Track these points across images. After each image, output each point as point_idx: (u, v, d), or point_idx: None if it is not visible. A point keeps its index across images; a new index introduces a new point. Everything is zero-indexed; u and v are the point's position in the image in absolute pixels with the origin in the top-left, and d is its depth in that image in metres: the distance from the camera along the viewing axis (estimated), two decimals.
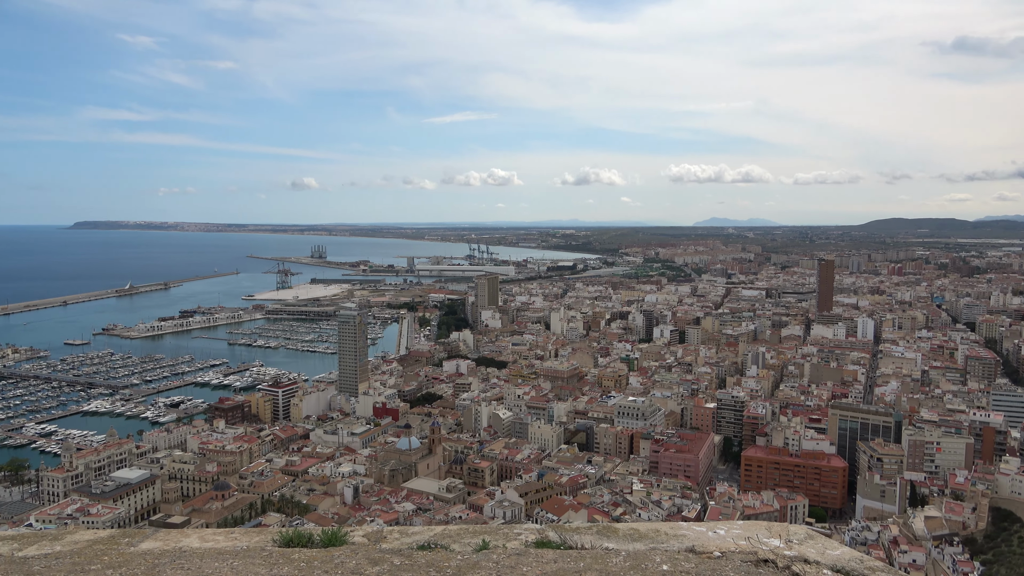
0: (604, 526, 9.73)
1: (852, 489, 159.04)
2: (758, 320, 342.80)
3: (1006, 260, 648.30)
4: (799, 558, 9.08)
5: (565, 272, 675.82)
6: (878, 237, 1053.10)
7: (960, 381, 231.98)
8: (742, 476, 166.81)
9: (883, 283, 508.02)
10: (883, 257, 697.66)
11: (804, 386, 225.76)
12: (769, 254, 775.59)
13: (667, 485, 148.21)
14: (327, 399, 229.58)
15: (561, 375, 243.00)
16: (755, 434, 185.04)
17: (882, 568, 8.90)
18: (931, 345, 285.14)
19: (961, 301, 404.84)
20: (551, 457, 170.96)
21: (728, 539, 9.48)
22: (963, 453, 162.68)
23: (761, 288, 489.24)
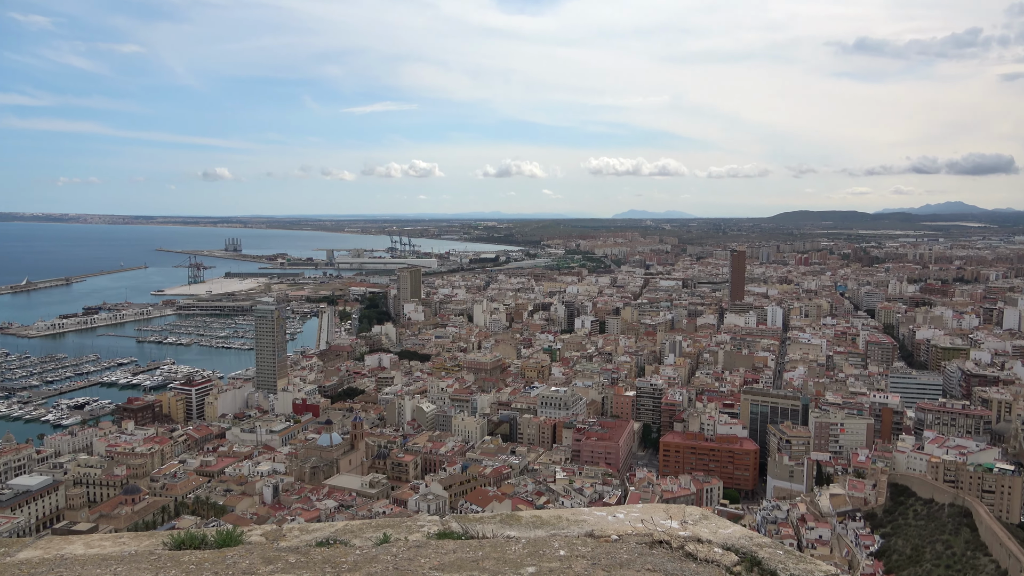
0: (508, 515, 9.79)
1: (763, 470, 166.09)
2: (675, 310, 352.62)
3: (902, 250, 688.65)
4: (693, 538, 9.31)
5: (488, 264, 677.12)
6: (786, 229, 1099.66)
7: (861, 365, 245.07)
8: (661, 461, 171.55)
9: (791, 273, 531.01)
10: (791, 248, 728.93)
11: (718, 373, 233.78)
12: (685, 245, 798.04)
13: (589, 473, 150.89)
14: (244, 397, 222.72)
15: (484, 367, 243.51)
16: (673, 420, 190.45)
17: (769, 544, 9.24)
18: (835, 331, 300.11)
19: (862, 289, 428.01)
20: (475, 449, 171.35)
21: (627, 523, 9.69)
22: (864, 433, 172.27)
23: (678, 278, 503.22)
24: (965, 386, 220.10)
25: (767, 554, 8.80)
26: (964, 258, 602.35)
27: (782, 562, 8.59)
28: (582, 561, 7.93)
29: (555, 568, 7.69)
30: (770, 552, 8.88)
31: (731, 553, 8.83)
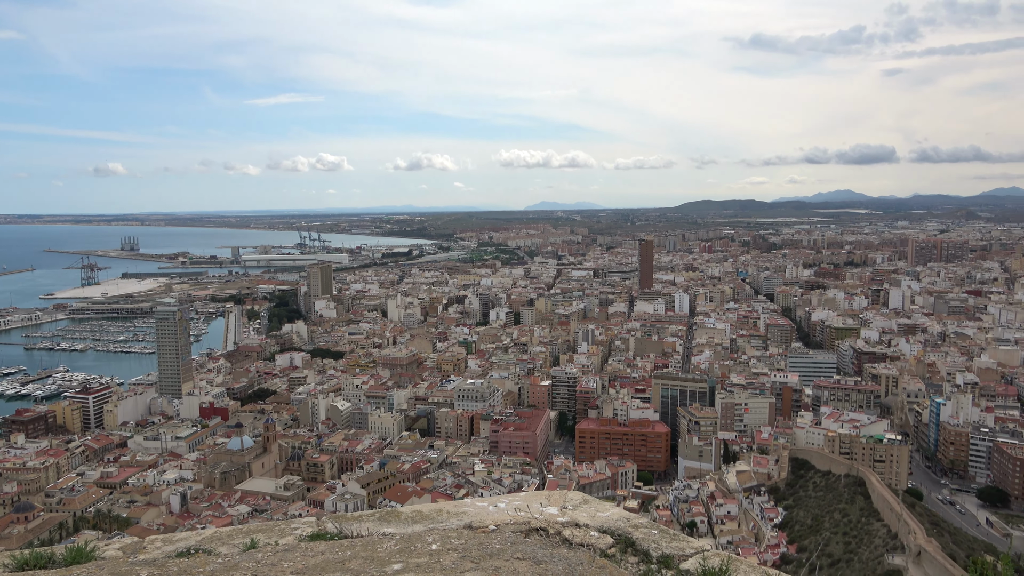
0: (388, 511, 9.76)
1: (675, 451, 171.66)
2: (587, 299, 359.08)
3: (797, 237, 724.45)
4: (571, 523, 9.54)
5: (401, 258, 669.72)
6: (691, 218, 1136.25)
7: (763, 347, 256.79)
8: (577, 448, 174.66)
9: (696, 260, 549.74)
10: (695, 236, 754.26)
11: (630, 359, 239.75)
12: (595, 236, 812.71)
13: (507, 463, 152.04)
14: (146, 403, 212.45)
15: (400, 362, 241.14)
16: (588, 407, 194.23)
17: (645, 525, 9.66)
18: (738, 316, 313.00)
19: (762, 275, 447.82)
20: (393, 445, 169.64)
21: (507, 512, 9.87)
22: (767, 412, 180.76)
23: (589, 268, 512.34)
24: (857, 363, 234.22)
25: (641, 534, 9.15)
26: (853, 243, 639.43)
27: (655, 541, 8.95)
28: (453, 554, 7.96)
29: (423, 563, 7.68)
30: (644, 533, 9.24)
31: (607, 536, 9.09)
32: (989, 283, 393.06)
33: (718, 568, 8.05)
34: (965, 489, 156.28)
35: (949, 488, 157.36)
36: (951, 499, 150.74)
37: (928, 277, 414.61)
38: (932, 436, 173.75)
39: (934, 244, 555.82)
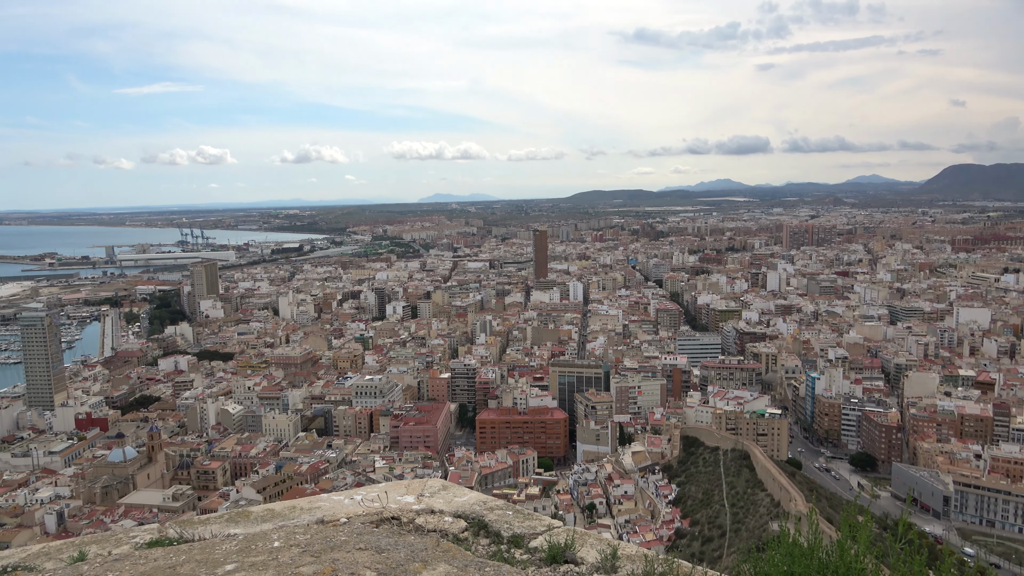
0: (238, 512, 9.71)
1: (573, 437, 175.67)
2: (484, 290, 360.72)
3: (683, 225, 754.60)
4: (426, 510, 9.74)
5: (291, 254, 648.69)
6: (582, 208, 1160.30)
7: (653, 331, 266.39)
8: (478, 439, 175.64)
9: (588, 249, 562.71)
10: (587, 226, 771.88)
11: (528, 348, 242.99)
12: (490, 227, 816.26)
13: (408, 458, 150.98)
14: (13, 417, 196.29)
15: (294, 361, 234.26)
16: (487, 398, 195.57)
17: (500, 507, 9.97)
18: (629, 302, 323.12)
19: (651, 262, 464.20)
20: (289, 447, 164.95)
21: (363, 504, 9.94)
22: (659, 393, 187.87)
23: (485, 260, 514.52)
24: (739, 343, 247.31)
25: (495, 516, 9.49)
26: (733, 229, 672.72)
27: (508, 522, 9.29)
28: (294, 550, 7.94)
29: (259, 562, 7.61)
30: (499, 515, 9.59)
31: (461, 520, 9.37)
32: (855, 264, 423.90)
33: (563, 543, 8.42)
34: (839, 456, 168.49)
35: (825, 456, 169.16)
36: (827, 466, 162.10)
37: (801, 260, 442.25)
38: (808, 408, 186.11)
39: (806, 229, 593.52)
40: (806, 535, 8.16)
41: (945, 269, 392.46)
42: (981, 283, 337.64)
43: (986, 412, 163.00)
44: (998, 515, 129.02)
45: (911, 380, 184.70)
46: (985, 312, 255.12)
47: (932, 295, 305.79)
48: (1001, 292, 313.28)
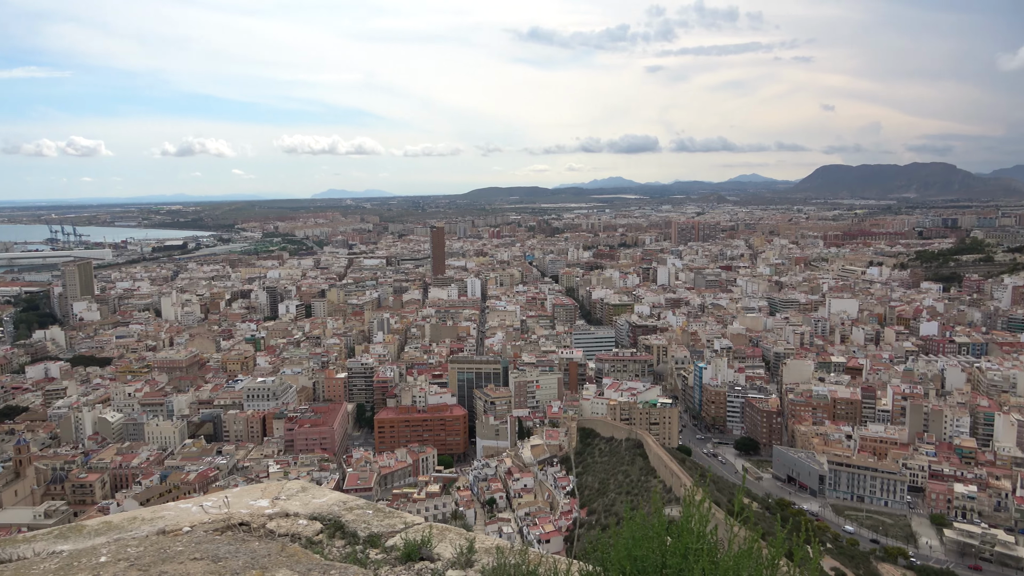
0: (71, 526, 9.15)
1: (473, 433, 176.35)
2: (381, 288, 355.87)
3: (577, 221, 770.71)
4: (280, 513, 9.54)
5: (174, 252, 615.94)
6: (479, 204, 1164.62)
7: (550, 326, 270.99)
8: (376, 438, 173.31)
9: (485, 246, 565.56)
10: (484, 222, 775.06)
11: (426, 345, 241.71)
12: (387, 224, 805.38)
13: (304, 461, 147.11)
14: None
15: (179, 365, 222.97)
16: (386, 397, 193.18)
17: (361, 506, 9.93)
18: (526, 298, 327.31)
19: (547, 258, 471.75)
20: (175, 455, 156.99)
21: (210, 511, 9.60)
22: (556, 387, 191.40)
23: (381, 257, 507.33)
24: (632, 336, 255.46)
25: (354, 516, 9.45)
26: (625, 226, 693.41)
27: (367, 522, 9.28)
28: (120, 565, 7.67)
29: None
30: (358, 514, 9.55)
31: (316, 522, 9.27)
32: (737, 259, 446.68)
33: (420, 540, 8.50)
34: (725, 442, 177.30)
35: (712, 442, 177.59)
36: (714, 452, 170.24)
37: (689, 255, 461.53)
38: (697, 397, 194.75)
39: (693, 225, 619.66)
40: (652, 518, 8.58)
41: (818, 263, 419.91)
42: (850, 276, 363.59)
43: (855, 395, 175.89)
44: (867, 491, 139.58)
45: (789, 367, 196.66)
46: (853, 303, 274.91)
47: (807, 287, 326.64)
48: (867, 284, 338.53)
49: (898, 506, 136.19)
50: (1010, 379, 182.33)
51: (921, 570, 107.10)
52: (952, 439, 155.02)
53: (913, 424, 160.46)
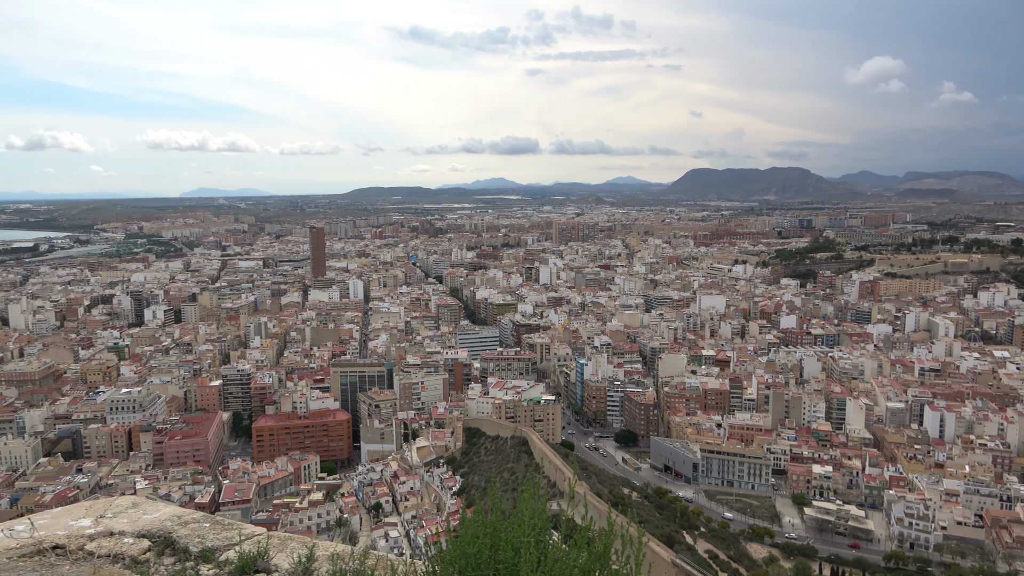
0: None
1: (358, 437, 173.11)
2: (257, 291, 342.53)
3: (460, 222, 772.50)
4: (103, 533, 9.04)
5: (24, 255, 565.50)
6: (360, 204, 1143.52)
7: (435, 327, 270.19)
8: (255, 448, 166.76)
9: (368, 246, 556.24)
10: (366, 223, 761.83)
11: (307, 350, 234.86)
12: (263, 224, 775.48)
13: (176, 475, 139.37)
14: None
15: (31, 377, 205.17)
16: (264, 404, 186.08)
17: (197, 520, 9.66)
18: (410, 299, 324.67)
19: (430, 258, 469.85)
20: (28, 476, 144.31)
21: (23, 534, 8.95)
22: (441, 387, 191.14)
23: (258, 258, 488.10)
24: (516, 335, 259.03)
25: (187, 531, 9.12)
26: (508, 226, 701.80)
27: (201, 536, 8.99)
28: None
29: None
30: (192, 528, 9.23)
31: (144, 540, 8.87)
32: (615, 258, 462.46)
33: (257, 552, 8.32)
34: (606, 435, 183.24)
35: (594, 436, 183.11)
36: (596, 445, 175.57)
37: (569, 255, 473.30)
38: (579, 393, 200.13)
39: (573, 226, 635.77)
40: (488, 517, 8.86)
41: (689, 261, 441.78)
42: (717, 273, 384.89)
43: (724, 386, 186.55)
44: (735, 475, 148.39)
45: (664, 361, 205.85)
46: (721, 299, 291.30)
47: (679, 285, 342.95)
48: (733, 281, 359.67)
49: (764, 488, 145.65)
50: (858, 367, 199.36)
51: (785, 547, 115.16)
52: (810, 424, 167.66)
53: (776, 411, 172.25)
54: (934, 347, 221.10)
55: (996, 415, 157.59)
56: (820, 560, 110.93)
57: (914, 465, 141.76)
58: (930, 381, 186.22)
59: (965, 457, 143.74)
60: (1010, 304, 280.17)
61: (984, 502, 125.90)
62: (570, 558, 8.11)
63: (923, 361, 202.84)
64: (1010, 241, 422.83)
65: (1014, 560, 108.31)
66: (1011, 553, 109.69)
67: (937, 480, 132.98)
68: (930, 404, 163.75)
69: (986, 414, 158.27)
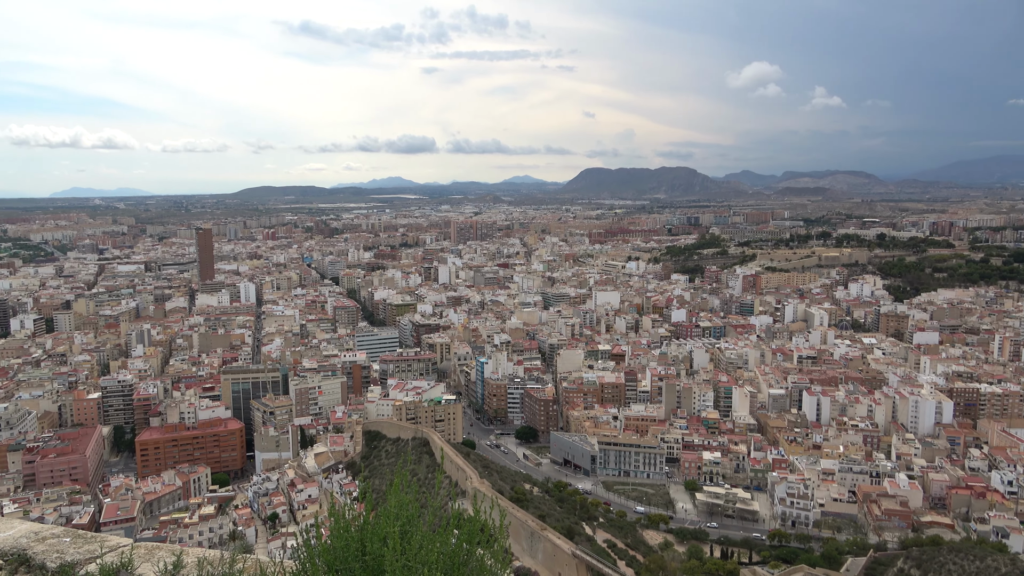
0: None
1: (251, 446, 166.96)
2: (139, 296, 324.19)
3: (357, 221, 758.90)
4: None
5: None
6: (251, 204, 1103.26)
7: (332, 329, 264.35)
8: (139, 462, 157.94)
9: (260, 248, 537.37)
10: (257, 223, 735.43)
11: (195, 357, 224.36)
12: (144, 226, 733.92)
13: (50, 496, 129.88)
14: None
15: None
16: (149, 416, 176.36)
17: (58, 534, 9.34)
18: (306, 301, 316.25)
19: (326, 259, 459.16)
20: None
21: None
22: (339, 391, 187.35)
23: (139, 262, 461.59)
24: (416, 335, 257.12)
25: (45, 547, 8.86)
26: (406, 226, 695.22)
27: (60, 551, 8.74)
28: None
29: None
30: (51, 544, 8.97)
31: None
32: (513, 257, 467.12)
33: (120, 563, 8.19)
34: (507, 432, 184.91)
35: (495, 433, 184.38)
36: (497, 443, 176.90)
37: (468, 254, 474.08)
38: (480, 391, 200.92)
39: (471, 225, 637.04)
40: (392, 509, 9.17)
41: (585, 259, 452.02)
42: (612, 270, 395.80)
43: (620, 379, 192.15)
44: (632, 466, 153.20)
45: (562, 357, 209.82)
46: (616, 295, 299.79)
47: (576, 282, 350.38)
48: (627, 277, 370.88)
49: (658, 477, 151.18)
50: (743, 356, 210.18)
51: (679, 532, 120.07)
52: (700, 412, 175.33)
53: (668, 402, 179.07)
54: (810, 336, 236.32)
55: (865, 398, 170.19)
56: (711, 542, 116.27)
57: (794, 448, 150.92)
58: (807, 368, 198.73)
59: (839, 438, 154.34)
60: (876, 294, 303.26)
61: (856, 479, 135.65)
62: (434, 544, 8.48)
63: (801, 349, 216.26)
64: (875, 236, 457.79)
65: (883, 531, 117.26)
66: (880, 525, 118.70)
67: (815, 461, 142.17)
68: (807, 389, 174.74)
69: (857, 397, 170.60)
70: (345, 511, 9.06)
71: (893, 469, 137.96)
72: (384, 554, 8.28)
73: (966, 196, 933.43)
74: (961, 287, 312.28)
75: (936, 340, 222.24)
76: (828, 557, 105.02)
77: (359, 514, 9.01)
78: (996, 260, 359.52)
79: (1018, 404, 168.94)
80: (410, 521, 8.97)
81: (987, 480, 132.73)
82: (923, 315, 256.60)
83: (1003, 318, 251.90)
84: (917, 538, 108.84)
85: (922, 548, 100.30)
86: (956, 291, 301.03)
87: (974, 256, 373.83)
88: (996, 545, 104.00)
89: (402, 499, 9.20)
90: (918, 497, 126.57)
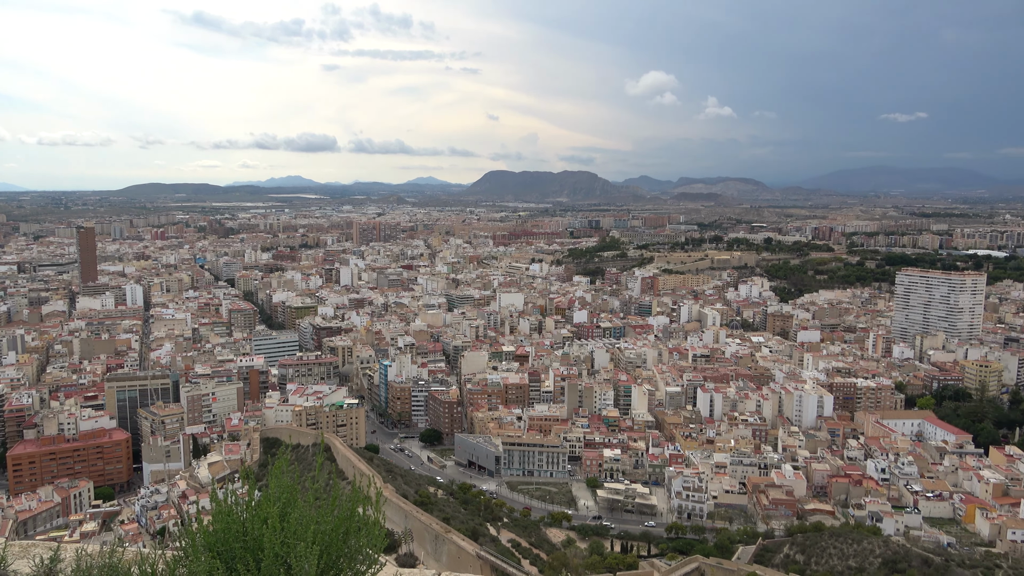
0: None
1: (139, 457, 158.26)
2: (12, 299, 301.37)
3: (254, 221, 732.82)
4: None
5: None
6: (138, 202, 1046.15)
7: (227, 333, 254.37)
8: (11, 479, 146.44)
9: (148, 248, 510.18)
10: (145, 222, 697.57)
11: (76, 364, 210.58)
12: (18, 223, 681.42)
13: None
14: None
15: None
16: (22, 428, 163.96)
17: None
18: (199, 304, 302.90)
19: (221, 260, 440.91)
20: None
21: None
22: (235, 398, 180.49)
23: (12, 263, 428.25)
24: (316, 339, 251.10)
25: None
26: (306, 226, 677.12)
27: None
28: None
29: None
30: None
31: None
32: (417, 258, 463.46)
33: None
34: (411, 435, 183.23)
35: (399, 437, 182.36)
36: (401, 446, 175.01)
37: (371, 255, 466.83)
38: (383, 395, 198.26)
39: (374, 226, 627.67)
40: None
41: (489, 261, 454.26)
42: (516, 272, 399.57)
43: (523, 380, 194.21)
44: (535, 465, 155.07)
45: (467, 359, 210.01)
46: (520, 296, 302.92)
47: (480, 284, 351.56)
48: (530, 279, 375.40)
49: (561, 475, 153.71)
50: (641, 356, 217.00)
51: (580, 529, 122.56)
52: (601, 411, 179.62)
53: (571, 401, 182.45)
54: (704, 335, 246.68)
55: (754, 393, 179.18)
56: (612, 537, 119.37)
57: (690, 443, 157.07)
58: (701, 366, 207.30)
59: (731, 432, 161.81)
60: (763, 295, 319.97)
61: (746, 471, 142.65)
62: (312, 521, 9.24)
63: (695, 348, 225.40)
64: (763, 240, 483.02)
65: (771, 520, 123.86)
66: (768, 514, 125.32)
67: (708, 455, 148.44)
68: (702, 387, 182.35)
69: (746, 393, 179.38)
70: (227, 496, 9.50)
71: (780, 460, 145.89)
72: (264, 533, 8.71)
73: (844, 203, 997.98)
74: (840, 288, 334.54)
75: (818, 338, 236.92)
76: (721, 547, 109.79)
77: (239, 499, 9.47)
78: (870, 263, 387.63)
79: (890, 397, 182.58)
80: (290, 502, 9.62)
81: (863, 468, 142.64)
82: (806, 315, 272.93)
83: (876, 317, 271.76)
84: (801, 525, 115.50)
85: (806, 534, 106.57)
86: (835, 292, 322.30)
87: (851, 259, 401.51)
88: (871, 529, 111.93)
89: (282, 483, 10.00)
90: (802, 486, 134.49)
